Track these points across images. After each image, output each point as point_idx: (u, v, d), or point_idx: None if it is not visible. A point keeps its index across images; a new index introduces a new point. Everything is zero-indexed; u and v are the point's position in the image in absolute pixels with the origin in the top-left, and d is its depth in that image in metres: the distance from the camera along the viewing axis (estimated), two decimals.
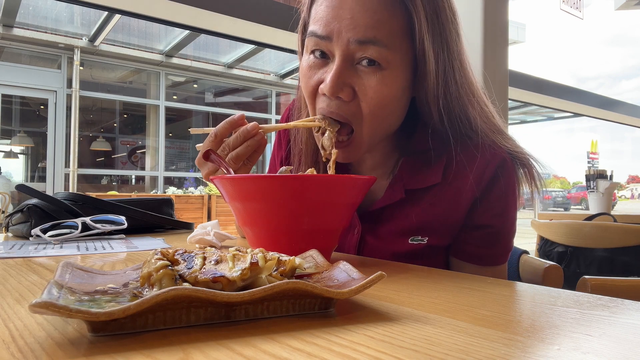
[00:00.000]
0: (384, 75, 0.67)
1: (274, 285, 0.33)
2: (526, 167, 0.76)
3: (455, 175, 0.74)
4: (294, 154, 0.86)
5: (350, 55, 0.66)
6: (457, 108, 0.72)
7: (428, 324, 0.35)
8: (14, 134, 8.91)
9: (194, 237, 0.80)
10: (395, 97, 0.69)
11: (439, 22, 0.67)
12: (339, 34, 0.65)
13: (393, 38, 0.66)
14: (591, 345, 0.31)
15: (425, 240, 0.74)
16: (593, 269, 1.94)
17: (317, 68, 0.70)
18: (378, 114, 0.69)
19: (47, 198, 0.97)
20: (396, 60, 0.67)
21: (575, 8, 8.09)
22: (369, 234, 0.78)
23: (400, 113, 0.73)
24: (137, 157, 10.27)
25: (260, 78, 9.83)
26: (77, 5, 6.39)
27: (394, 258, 0.75)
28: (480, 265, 0.77)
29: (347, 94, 0.68)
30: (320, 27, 0.67)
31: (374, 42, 0.65)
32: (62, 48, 7.90)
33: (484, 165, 0.73)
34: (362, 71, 0.67)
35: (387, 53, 0.66)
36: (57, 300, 0.29)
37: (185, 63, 8.94)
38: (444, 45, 0.68)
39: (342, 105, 0.69)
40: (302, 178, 0.59)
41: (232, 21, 3.97)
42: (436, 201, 0.74)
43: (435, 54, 0.67)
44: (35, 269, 0.58)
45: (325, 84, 0.67)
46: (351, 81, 0.67)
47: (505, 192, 0.75)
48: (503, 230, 0.76)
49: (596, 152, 20.89)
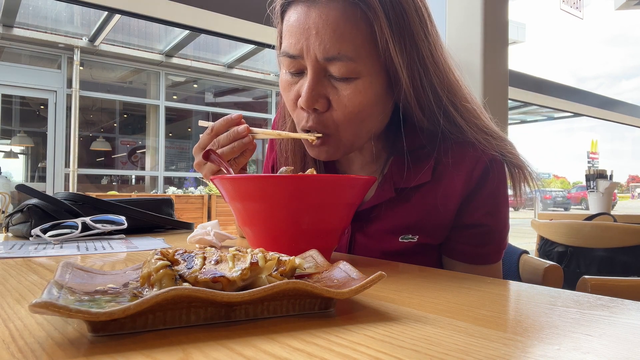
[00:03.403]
0: (357, 84, 0.67)
1: (274, 285, 0.33)
2: (515, 166, 0.76)
3: (445, 174, 0.74)
4: (280, 162, 0.87)
5: (320, 69, 0.67)
6: (437, 108, 0.72)
7: (428, 324, 0.35)
8: (14, 134, 8.91)
9: (194, 237, 0.80)
10: (371, 103, 0.69)
11: (404, 26, 0.66)
12: (307, 50, 0.66)
13: (358, 50, 0.65)
14: (591, 345, 0.31)
15: (415, 239, 0.75)
16: (593, 269, 1.94)
17: (294, 83, 0.71)
18: (354, 120, 0.69)
19: (47, 198, 0.97)
20: (366, 70, 0.67)
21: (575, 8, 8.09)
22: (359, 233, 0.78)
23: (381, 116, 0.73)
24: (137, 157, 10.27)
25: (260, 78, 9.84)
26: (77, 5, 6.38)
27: (384, 257, 0.75)
28: (473, 264, 0.77)
29: (322, 104, 0.68)
30: (291, 46, 0.68)
31: (340, 58, 0.65)
32: (62, 48, 7.90)
33: (473, 164, 0.73)
34: (335, 82, 0.68)
35: (354, 65, 0.66)
36: (57, 300, 0.29)
37: (185, 63, 8.94)
38: (413, 50, 0.68)
39: (319, 118, 0.69)
40: (302, 178, 0.59)
41: (232, 21, 3.97)
42: (426, 199, 0.74)
43: (403, 59, 0.67)
44: (35, 269, 0.58)
45: (301, 98, 0.68)
46: (325, 92, 0.68)
47: (495, 191, 0.75)
48: (495, 229, 0.76)
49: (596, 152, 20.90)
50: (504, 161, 0.76)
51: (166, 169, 9.50)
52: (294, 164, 0.83)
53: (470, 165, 0.73)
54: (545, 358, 0.28)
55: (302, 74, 0.70)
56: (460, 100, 0.74)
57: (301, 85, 0.69)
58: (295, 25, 0.67)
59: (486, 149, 0.74)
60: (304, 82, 0.69)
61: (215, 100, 10.36)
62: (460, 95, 0.74)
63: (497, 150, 0.74)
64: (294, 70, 0.70)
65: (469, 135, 0.74)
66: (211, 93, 10.28)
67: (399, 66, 0.67)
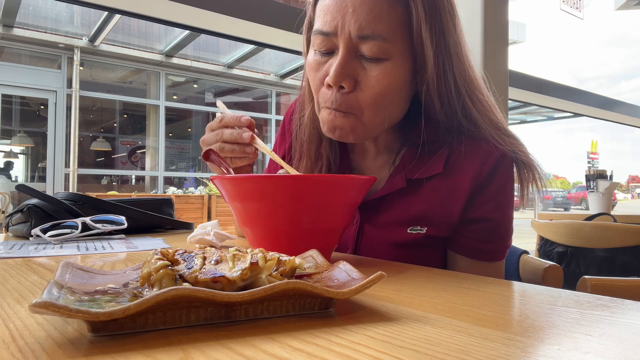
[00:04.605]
0: (386, 65, 0.68)
1: (274, 285, 0.33)
2: (526, 165, 0.76)
3: (456, 167, 0.75)
4: (295, 148, 0.87)
5: (352, 48, 0.68)
6: (456, 101, 0.73)
7: (428, 324, 0.35)
8: (14, 134, 8.91)
9: (194, 237, 0.80)
10: (398, 87, 0.71)
11: (436, 14, 0.69)
12: (342, 28, 0.67)
13: (392, 31, 0.67)
14: (591, 345, 0.31)
15: (424, 230, 0.75)
16: (593, 269, 1.94)
17: (323, 63, 0.72)
18: (380, 102, 0.70)
19: (47, 198, 0.97)
20: (397, 52, 0.68)
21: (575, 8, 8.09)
22: (368, 223, 0.78)
23: (403, 104, 0.75)
24: (137, 157, 10.27)
25: (260, 78, 9.83)
26: (77, 5, 6.39)
27: (392, 248, 0.76)
28: (477, 260, 0.77)
29: (349, 84, 0.69)
30: (325, 24, 0.69)
31: (373, 37, 0.66)
32: (62, 48, 7.90)
33: (484, 158, 0.74)
34: (365, 63, 0.69)
35: (386, 46, 0.67)
36: (57, 300, 0.29)
37: (185, 63, 8.94)
38: (441, 39, 0.70)
39: (344, 97, 0.70)
40: (302, 178, 0.59)
41: (232, 21, 3.97)
42: (436, 191, 0.75)
43: (432, 46, 0.69)
44: (35, 269, 0.58)
45: (329, 75, 0.69)
46: (354, 72, 0.69)
47: (503, 187, 0.75)
48: (501, 226, 0.77)
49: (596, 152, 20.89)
50: (514, 159, 0.76)
51: (166, 169, 9.49)
52: (309, 152, 0.83)
53: (482, 158, 0.74)
54: (545, 358, 0.28)
55: (331, 54, 0.71)
56: (478, 95, 0.75)
57: (330, 64, 0.70)
58: (331, 4, 0.69)
59: (499, 144, 0.75)
60: (333, 62, 0.70)
61: (215, 100, 10.36)
62: (478, 91, 0.76)
63: (509, 147, 0.75)
64: (325, 50, 0.71)
65: (483, 130, 0.75)
66: (211, 93, 10.27)
67: (428, 51, 0.69)
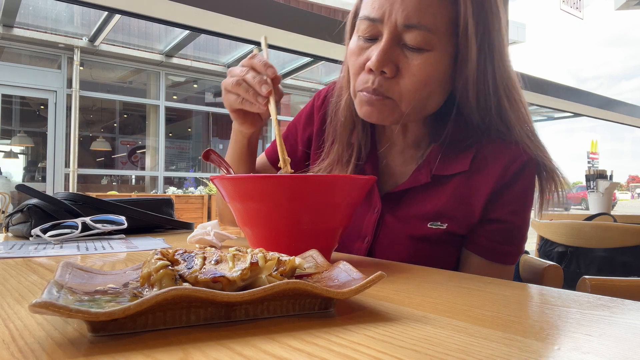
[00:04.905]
0: (428, 56, 0.70)
1: (274, 285, 0.33)
2: (549, 174, 0.77)
3: (481, 166, 0.76)
4: (328, 132, 0.87)
5: (396, 36, 0.70)
6: (492, 100, 0.74)
7: (428, 324, 0.35)
8: (14, 134, 8.90)
9: (194, 237, 0.79)
10: (437, 78, 0.72)
11: (483, 12, 0.70)
12: (389, 15, 0.69)
13: (438, 23, 0.69)
14: (591, 345, 0.31)
15: (444, 226, 0.76)
16: (593, 269, 1.94)
17: (366, 48, 0.73)
18: (420, 90, 0.71)
19: (47, 198, 0.97)
20: (439, 44, 0.70)
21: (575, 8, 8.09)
22: (389, 214, 0.79)
23: (439, 96, 0.76)
24: (137, 157, 10.27)
25: None
26: (77, 5, 6.38)
27: (411, 240, 0.76)
28: (490, 260, 0.77)
29: (391, 69, 0.70)
30: (373, 10, 0.71)
31: (418, 27, 0.68)
32: (62, 48, 7.89)
33: (511, 160, 0.75)
34: (407, 51, 0.70)
35: (430, 37, 0.69)
36: (57, 300, 0.29)
37: (185, 63, 8.93)
38: (486, 37, 0.71)
39: (384, 81, 0.71)
40: (302, 178, 0.59)
41: (232, 21, 3.97)
42: (460, 189, 0.76)
43: (476, 43, 0.70)
44: (35, 269, 0.58)
45: (371, 60, 0.70)
46: (396, 59, 0.70)
47: (525, 191, 0.76)
48: (518, 229, 0.77)
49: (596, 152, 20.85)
50: (540, 166, 0.77)
51: (166, 169, 9.49)
52: (341, 138, 0.84)
53: (509, 160, 0.75)
54: (545, 358, 0.28)
55: (374, 40, 0.72)
56: (515, 96, 0.76)
57: (372, 50, 0.72)
58: None
59: (527, 148, 0.76)
60: (376, 47, 0.71)
61: (215, 101, 10.34)
62: (516, 92, 0.77)
63: (537, 152, 0.76)
64: (369, 36, 0.72)
65: (515, 132, 0.76)
66: (211, 93, 10.26)
67: (472, 48, 0.70)
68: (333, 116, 0.87)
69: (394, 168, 0.84)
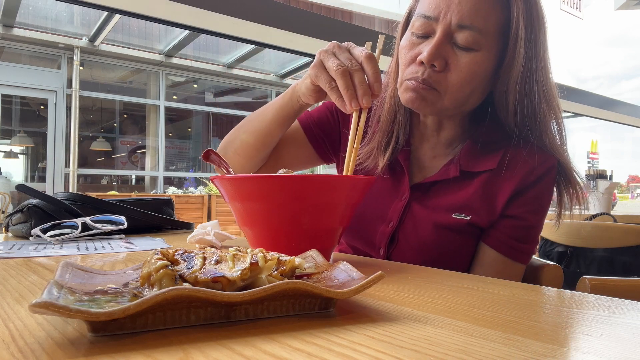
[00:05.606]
0: (475, 55, 0.74)
1: (274, 285, 0.33)
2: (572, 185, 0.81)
3: (509, 166, 0.79)
4: (371, 122, 0.90)
5: (449, 34, 0.74)
6: (531, 106, 0.78)
7: (428, 324, 0.35)
8: (14, 134, 8.90)
9: (194, 237, 0.80)
10: (481, 77, 0.76)
11: (533, 21, 0.75)
12: (445, 15, 0.73)
13: (488, 26, 0.73)
14: (591, 345, 0.31)
15: (468, 218, 0.79)
16: (593, 269, 1.94)
17: (418, 44, 0.77)
18: (464, 86, 0.75)
19: (47, 198, 0.97)
20: (487, 46, 0.74)
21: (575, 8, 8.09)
22: (416, 202, 0.83)
23: (479, 95, 0.79)
24: (137, 157, 10.26)
25: (260, 78, 9.82)
26: (77, 5, 6.38)
27: (435, 228, 0.80)
28: (504, 255, 0.80)
29: (441, 64, 0.74)
30: (430, 9, 0.75)
31: (470, 28, 0.73)
32: (62, 48, 7.89)
33: (537, 163, 0.79)
34: (456, 49, 0.74)
35: (479, 38, 0.73)
36: (57, 300, 0.29)
37: (185, 63, 8.93)
38: (533, 43, 0.75)
39: (432, 74, 0.75)
40: (302, 178, 0.59)
41: (232, 21, 3.97)
42: (486, 185, 0.80)
43: (525, 46, 0.74)
44: (35, 269, 0.58)
45: (423, 53, 0.74)
46: (446, 55, 0.74)
47: (544, 194, 0.80)
48: (533, 229, 0.81)
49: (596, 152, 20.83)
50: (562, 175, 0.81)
51: (166, 169, 9.48)
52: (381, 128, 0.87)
53: (536, 162, 0.79)
54: (546, 358, 0.28)
55: (426, 37, 0.76)
56: (553, 103, 0.80)
57: (424, 46, 0.76)
58: None
59: (557, 154, 0.80)
60: (428, 43, 0.75)
61: (215, 100, 10.34)
62: (554, 99, 0.80)
63: (562, 161, 0.80)
64: (422, 33, 0.76)
65: (547, 137, 0.80)
66: (211, 93, 10.26)
67: (520, 52, 0.74)
68: (376, 109, 0.90)
69: (423, 162, 0.88)
